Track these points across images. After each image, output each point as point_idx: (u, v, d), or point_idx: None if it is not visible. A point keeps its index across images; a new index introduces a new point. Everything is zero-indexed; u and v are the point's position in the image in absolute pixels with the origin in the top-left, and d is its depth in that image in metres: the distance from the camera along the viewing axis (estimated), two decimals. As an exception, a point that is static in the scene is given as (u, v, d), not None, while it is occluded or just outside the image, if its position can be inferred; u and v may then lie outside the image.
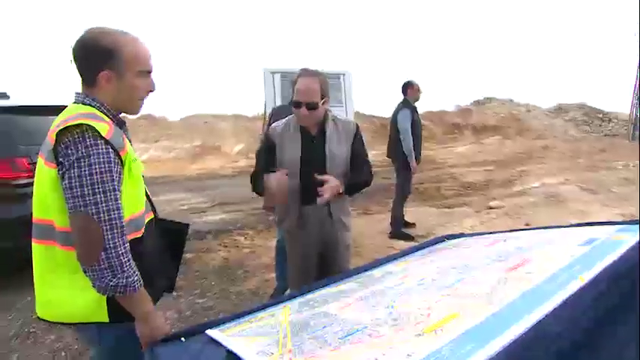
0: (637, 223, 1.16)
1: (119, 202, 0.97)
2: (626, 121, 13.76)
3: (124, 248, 0.97)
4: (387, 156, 4.37)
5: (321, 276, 1.72)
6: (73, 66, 1.05)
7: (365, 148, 1.85)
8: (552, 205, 5.18)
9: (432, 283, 0.99)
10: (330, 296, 1.10)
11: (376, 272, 1.29)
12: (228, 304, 2.74)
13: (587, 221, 1.54)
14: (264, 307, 1.13)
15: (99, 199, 0.92)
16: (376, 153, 8.06)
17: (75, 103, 1.06)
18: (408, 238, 4.06)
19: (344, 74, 6.50)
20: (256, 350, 0.79)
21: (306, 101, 1.63)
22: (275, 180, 1.61)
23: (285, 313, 1.02)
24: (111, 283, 0.95)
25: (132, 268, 0.99)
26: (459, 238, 1.64)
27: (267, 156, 1.76)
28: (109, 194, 0.94)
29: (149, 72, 1.09)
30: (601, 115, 15.32)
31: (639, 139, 10.25)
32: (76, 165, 0.92)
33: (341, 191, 1.69)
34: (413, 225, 4.49)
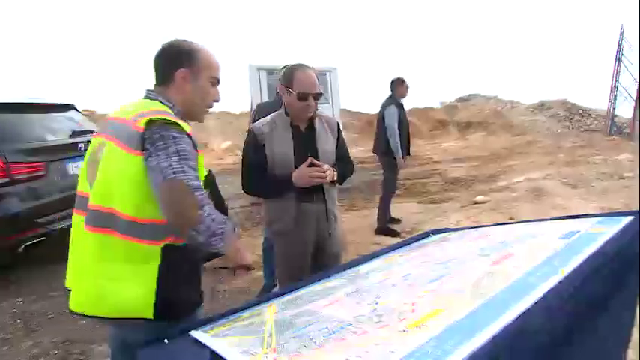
0: (616, 216, 1.19)
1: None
2: (604, 117, 14.18)
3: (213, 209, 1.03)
4: (374, 152, 4.39)
5: (315, 272, 1.72)
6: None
7: (345, 142, 1.94)
8: (535, 200, 5.29)
9: (417, 279, 0.99)
10: (316, 293, 1.09)
11: (361, 268, 1.29)
12: (216, 303, 2.71)
13: (568, 214, 1.57)
14: (249, 306, 1.12)
15: (189, 174, 0.97)
16: (362, 149, 8.09)
17: (149, 99, 1.11)
18: (394, 233, 4.09)
19: (330, 71, 6.49)
20: (240, 350, 0.77)
21: (312, 92, 1.67)
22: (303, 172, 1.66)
23: (271, 311, 1.01)
24: (219, 231, 0.99)
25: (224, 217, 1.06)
26: (443, 233, 1.65)
27: (256, 156, 1.73)
28: (195, 172, 1.00)
29: (218, 82, 1.18)
30: (581, 111, 15.74)
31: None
32: (169, 144, 0.96)
33: (335, 178, 1.74)
34: (399, 221, 4.53)
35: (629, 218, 1.09)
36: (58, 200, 3.17)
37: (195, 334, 0.95)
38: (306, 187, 1.66)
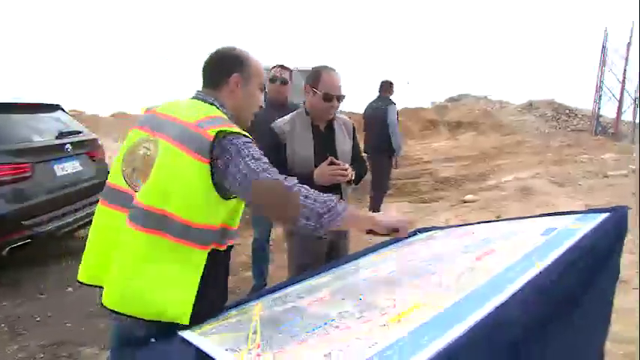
0: (593, 212, 1.22)
1: None
2: (590, 117, 14.48)
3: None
4: (365, 151, 4.42)
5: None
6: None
7: (358, 143, 1.99)
8: (523, 198, 5.37)
9: (401, 275, 1.01)
10: (303, 291, 1.10)
11: (349, 266, 1.31)
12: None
13: (551, 212, 1.61)
14: (237, 305, 1.13)
15: (270, 170, 1.00)
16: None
17: (203, 101, 1.12)
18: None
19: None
20: (225, 347, 0.78)
21: (337, 94, 1.73)
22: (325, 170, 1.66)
23: (258, 309, 1.02)
24: (325, 209, 0.98)
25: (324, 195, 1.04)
26: (430, 231, 1.68)
27: (277, 155, 1.71)
28: (273, 167, 1.03)
29: (263, 89, 1.23)
30: (568, 111, 16.03)
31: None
32: (242, 150, 0.98)
33: (353, 177, 1.76)
34: (390, 220, 4.56)
35: (606, 215, 1.13)
36: (45, 202, 3.12)
37: (183, 333, 0.96)
38: (326, 185, 1.67)
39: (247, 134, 1.05)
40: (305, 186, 1.02)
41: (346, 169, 1.67)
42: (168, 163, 0.99)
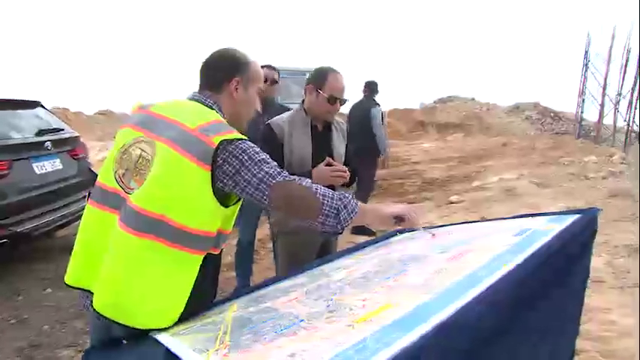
0: (566, 214, 1.25)
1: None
2: (573, 120, 14.82)
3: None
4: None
5: None
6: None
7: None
8: (508, 199, 5.46)
9: (375, 276, 1.02)
10: (279, 291, 1.10)
11: (327, 267, 1.31)
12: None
13: (526, 213, 1.64)
14: (213, 305, 1.12)
15: (283, 173, 1.02)
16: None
17: (202, 104, 1.10)
18: (370, 233, 4.13)
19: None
20: (193, 347, 0.78)
21: (342, 98, 1.74)
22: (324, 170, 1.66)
23: (231, 309, 1.02)
24: (342, 205, 1.02)
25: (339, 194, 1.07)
26: (411, 231, 1.69)
27: (274, 154, 1.72)
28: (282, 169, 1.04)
29: (261, 93, 1.24)
30: (552, 114, 16.37)
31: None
32: (252, 156, 0.99)
33: (348, 180, 1.75)
34: (376, 220, 4.59)
35: (577, 216, 1.16)
36: (23, 200, 3.05)
37: (155, 333, 0.95)
38: (323, 185, 1.67)
39: (246, 138, 1.04)
40: (319, 185, 1.04)
41: (344, 171, 1.68)
42: (168, 168, 0.96)
